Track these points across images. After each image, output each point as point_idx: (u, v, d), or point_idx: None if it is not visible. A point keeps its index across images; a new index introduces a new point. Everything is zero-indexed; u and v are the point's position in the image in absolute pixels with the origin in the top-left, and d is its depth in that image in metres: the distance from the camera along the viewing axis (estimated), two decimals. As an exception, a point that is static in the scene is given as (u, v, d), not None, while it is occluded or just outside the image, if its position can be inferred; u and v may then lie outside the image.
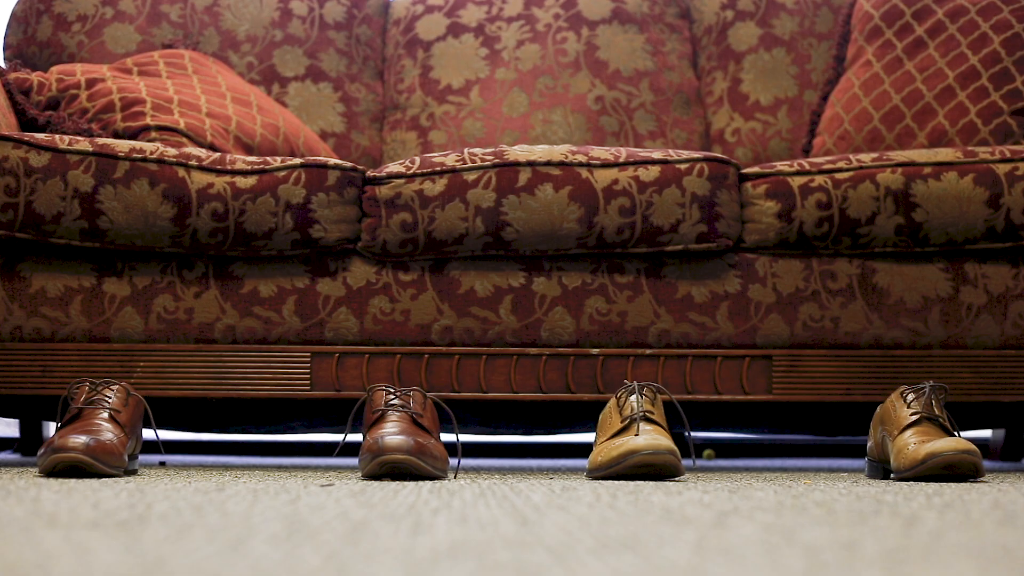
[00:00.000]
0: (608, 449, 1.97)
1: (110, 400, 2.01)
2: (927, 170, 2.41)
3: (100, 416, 2.00)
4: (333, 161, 2.41)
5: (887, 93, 2.78)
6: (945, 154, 2.43)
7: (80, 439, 1.91)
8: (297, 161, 2.40)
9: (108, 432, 1.96)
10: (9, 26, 2.99)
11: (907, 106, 2.74)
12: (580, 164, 2.40)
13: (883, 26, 2.85)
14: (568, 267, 2.42)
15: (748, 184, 2.44)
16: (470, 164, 2.40)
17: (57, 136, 2.39)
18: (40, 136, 2.39)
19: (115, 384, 2.04)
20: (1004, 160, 2.42)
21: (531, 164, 2.40)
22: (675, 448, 1.94)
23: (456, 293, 2.41)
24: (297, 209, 2.37)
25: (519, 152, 2.42)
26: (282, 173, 2.39)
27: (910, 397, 2.04)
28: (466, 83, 3.00)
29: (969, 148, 2.45)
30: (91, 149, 2.38)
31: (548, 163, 2.40)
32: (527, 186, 2.38)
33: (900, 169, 2.41)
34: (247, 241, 2.38)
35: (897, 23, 2.85)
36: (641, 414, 2.00)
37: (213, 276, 2.40)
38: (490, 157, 2.41)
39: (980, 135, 2.68)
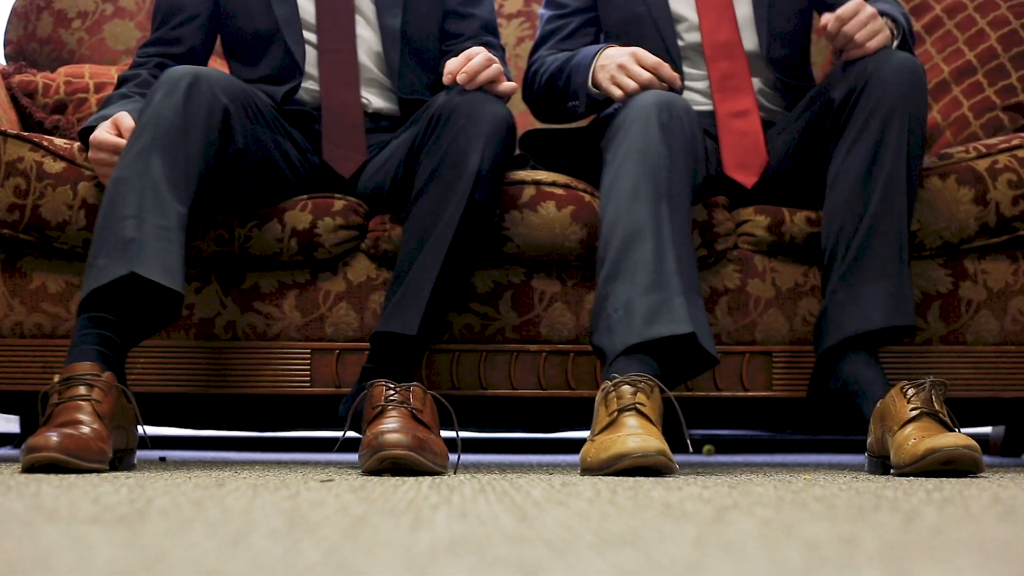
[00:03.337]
0: (598, 450, 1.96)
1: (90, 393, 1.98)
2: None
3: (82, 410, 1.96)
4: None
5: (885, 89, 2.78)
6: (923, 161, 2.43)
7: (54, 437, 1.89)
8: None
9: (86, 426, 1.93)
10: (9, 22, 2.99)
11: (903, 101, 2.75)
12: (583, 189, 2.39)
13: (883, 22, 2.85)
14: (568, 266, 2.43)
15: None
16: None
17: (76, 146, 2.38)
18: (59, 142, 2.38)
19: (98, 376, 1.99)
20: (980, 156, 2.42)
21: (536, 183, 2.39)
22: (665, 448, 1.91)
23: (456, 289, 2.41)
24: (302, 234, 2.37)
25: (524, 172, 2.42)
26: (288, 201, 2.39)
27: (910, 392, 2.04)
28: (466, 79, 2.99)
29: (943, 151, 2.45)
30: None
31: (553, 183, 2.40)
32: (530, 202, 2.38)
33: None
34: (252, 260, 2.38)
35: (897, 19, 2.85)
36: (632, 406, 1.98)
37: (214, 271, 2.40)
38: None
39: (971, 128, 2.68)
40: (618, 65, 2.31)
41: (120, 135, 2.25)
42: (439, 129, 2.20)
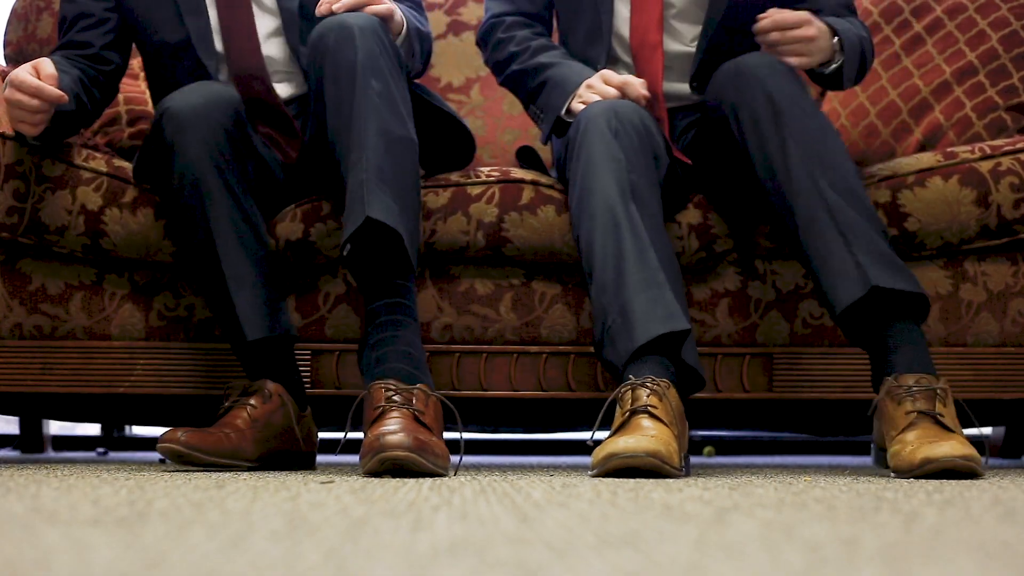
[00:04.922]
0: (599, 450, 1.97)
1: (253, 403, 2.18)
2: (911, 179, 2.40)
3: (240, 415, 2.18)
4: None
5: (884, 89, 2.78)
6: (926, 160, 2.43)
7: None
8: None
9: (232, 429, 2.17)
10: (9, 23, 2.99)
11: (903, 101, 2.74)
12: None
13: (881, 23, 2.85)
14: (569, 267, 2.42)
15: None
16: (474, 179, 2.40)
17: (75, 149, 2.38)
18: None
19: (263, 384, 2.20)
20: (985, 157, 2.42)
21: (535, 184, 2.39)
22: (660, 450, 1.91)
23: (456, 291, 2.41)
24: (297, 245, 2.37)
25: (523, 172, 2.42)
26: (277, 215, 2.39)
27: (902, 396, 2.03)
28: (466, 81, 3.00)
29: (948, 150, 2.45)
30: (105, 169, 2.37)
31: (552, 186, 2.40)
32: (530, 204, 2.38)
33: (885, 183, 2.41)
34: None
35: (896, 20, 2.85)
36: (644, 408, 1.98)
37: (213, 274, 2.40)
38: (495, 174, 2.41)
39: (974, 129, 2.68)
40: (585, 84, 2.31)
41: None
42: (318, 55, 2.16)
